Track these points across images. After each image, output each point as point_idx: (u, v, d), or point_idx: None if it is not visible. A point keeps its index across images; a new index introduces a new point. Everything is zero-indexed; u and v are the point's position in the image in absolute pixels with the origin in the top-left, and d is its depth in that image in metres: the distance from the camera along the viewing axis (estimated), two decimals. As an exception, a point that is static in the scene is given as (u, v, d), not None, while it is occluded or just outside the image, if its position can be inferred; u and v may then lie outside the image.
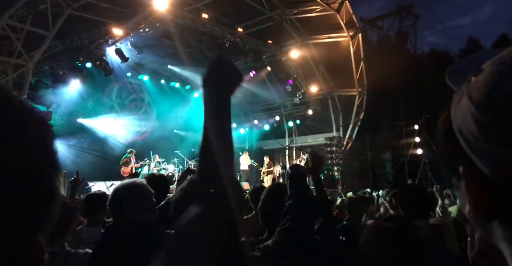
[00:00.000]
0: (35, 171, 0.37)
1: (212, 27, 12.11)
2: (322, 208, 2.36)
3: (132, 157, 11.09)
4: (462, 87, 0.40)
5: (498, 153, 0.35)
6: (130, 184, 1.94)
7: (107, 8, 10.56)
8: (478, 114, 0.36)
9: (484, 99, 0.36)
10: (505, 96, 0.35)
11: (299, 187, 1.87)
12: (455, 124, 0.40)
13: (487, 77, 0.37)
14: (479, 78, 0.38)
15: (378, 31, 14.00)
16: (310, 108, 15.05)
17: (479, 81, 0.38)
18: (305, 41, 13.81)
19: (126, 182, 1.98)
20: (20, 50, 7.66)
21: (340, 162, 14.17)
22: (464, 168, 0.40)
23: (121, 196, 1.86)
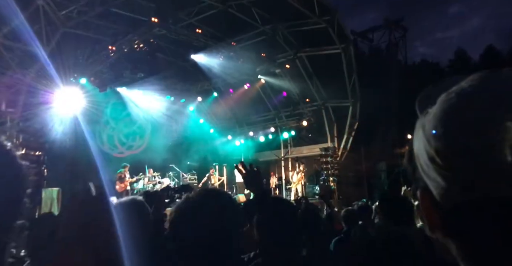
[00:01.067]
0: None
1: (206, 42, 12.28)
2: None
3: (126, 171, 11.03)
4: (421, 118, 0.44)
5: (443, 182, 0.39)
6: (129, 201, 1.93)
7: (101, 25, 10.68)
8: (428, 145, 0.40)
9: (431, 133, 0.40)
10: (448, 134, 0.39)
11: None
12: (414, 150, 0.44)
13: (436, 112, 0.41)
14: (431, 111, 0.42)
15: (369, 43, 14.30)
16: (304, 119, 15.16)
17: (430, 115, 0.42)
18: (298, 54, 14.00)
19: (125, 200, 1.97)
20: (14, 68, 7.69)
21: (336, 172, 14.20)
22: (421, 189, 0.44)
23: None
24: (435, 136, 0.39)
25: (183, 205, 1.16)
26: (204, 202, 1.15)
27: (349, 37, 13.44)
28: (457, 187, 0.38)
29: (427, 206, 0.44)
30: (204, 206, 1.13)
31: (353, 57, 13.46)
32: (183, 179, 13.64)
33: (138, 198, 2.02)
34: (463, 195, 0.38)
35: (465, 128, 0.37)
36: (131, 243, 0.93)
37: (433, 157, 0.40)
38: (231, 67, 14.00)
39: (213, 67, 13.79)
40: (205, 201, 1.16)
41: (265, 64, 14.11)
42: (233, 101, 16.29)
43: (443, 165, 0.39)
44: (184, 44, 12.11)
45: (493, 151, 0.35)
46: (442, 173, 0.39)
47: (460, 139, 0.37)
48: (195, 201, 1.16)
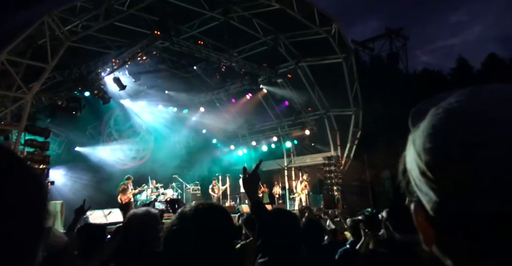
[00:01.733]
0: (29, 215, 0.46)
1: (208, 53, 12.40)
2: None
3: (129, 183, 11.01)
4: (412, 133, 0.44)
5: (435, 196, 0.40)
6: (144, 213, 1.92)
7: (105, 38, 10.84)
8: (418, 159, 0.41)
9: (421, 148, 0.41)
10: (437, 148, 0.39)
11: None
12: (407, 164, 0.45)
13: (425, 127, 0.41)
14: (421, 126, 0.42)
15: (370, 53, 14.37)
16: (307, 128, 15.16)
17: (419, 130, 0.42)
18: (299, 64, 14.10)
19: (141, 211, 1.96)
20: (19, 83, 7.79)
21: (339, 181, 14.12)
22: (414, 204, 0.45)
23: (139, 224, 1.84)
24: (425, 150, 0.40)
25: (177, 222, 1.13)
26: (198, 218, 1.12)
27: (350, 47, 13.54)
28: (449, 201, 0.39)
29: (421, 221, 0.44)
30: (199, 222, 1.11)
31: (355, 66, 13.54)
32: (186, 189, 13.60)
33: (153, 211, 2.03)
34: (455, 209, 0.38)
35: (454, 143, 0.38)
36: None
37: (424, 171, 0.40)
38: (233, 77, 14.11)
39: (215, 78, 13.90)
40: (199, 217, 1.13)
41: (267, 74, 14.20)
42: (236, 111, 16.35)
43: (434, 179, 0.39)
44: (187, 56, 12.24)
45: (482, 164, 0.36)
46: (433, 187, 0.40)
47: (449, 153, 0.38)
48: (189, 217, 1.13)
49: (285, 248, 1.69)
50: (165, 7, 10.26)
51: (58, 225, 8.46)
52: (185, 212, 1.15)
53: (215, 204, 1.29)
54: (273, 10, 11.38)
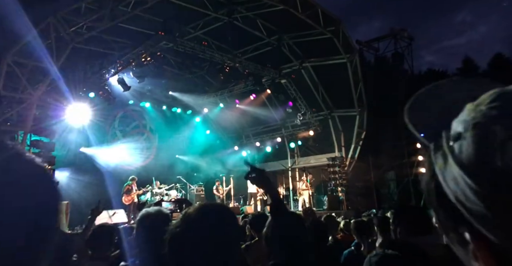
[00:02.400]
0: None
1: (212, 54, 12.42)
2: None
3: (134, 184, 11.04)
4: (440, 148, 0.38)
5: (503, 222, 0.34)
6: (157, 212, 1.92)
7: (109, 39, 10.89)
8: (476, 186, 0.35)
9: (480, 172, 0.34)
10: (498, 170, 0.33)
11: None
12: (449, 191, 0.38)
13: (474, 149, 0.35)
14: (465, 147, 0.36)
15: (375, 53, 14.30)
16: (311, 129, 15.11)
17: (466, 152, 0.36)
18: (303, 64, 14.07)
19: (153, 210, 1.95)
20: (25, 84, 7.84)
21: (344, 182, 14.05)
22: (470, 234, 0.38)
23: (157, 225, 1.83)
24: (485, 174, 0.34)
25: (181, 223, 1.11)
26: (203, 219, 1.11)
27: (355, 47, 13.48)
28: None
29: (481, 252, 0.37)
30: (203, 223, 1.09)
31: (359, 67, 13.47)
32: (190, 190, 13.60)
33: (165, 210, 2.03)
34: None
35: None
36: None
37: (486, 198, 0.34)
38: (237, 78, 14.11)
39: (219, 78, 13.91)
40: (204, 218, 1.11)
41: (271, 75, 14.18)
42: (239, 112, 16.34)
43: (501, 204, 0.33)
44: (191, 57, 12.26)
45: None
46: (500, 214, 0.33)
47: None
48: (193, 218, 1.11)
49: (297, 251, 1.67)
50: (169, 8, 10.29)
51: (63, 225, 8.50)
52: (189, 213, 1.13)
53: (220, 205, 1.27)
54: (277, 11, 11.36)
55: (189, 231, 1.09)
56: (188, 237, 1.08)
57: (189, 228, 1.09)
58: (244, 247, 3.06)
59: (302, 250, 1.69)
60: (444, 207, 0.39)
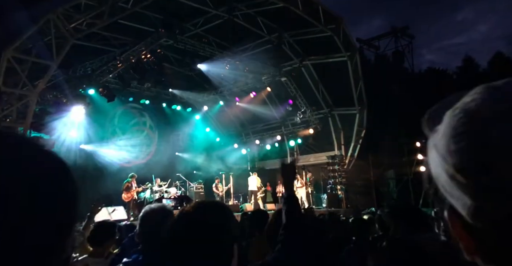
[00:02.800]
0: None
1: (212, 51, 12.39)
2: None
3: (133, 181, 11.04)
4: (431, 138, 0.42)
5: (470, 200, 0.37)
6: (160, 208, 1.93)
7: (109, 36, 10.86)
8: (445, 164, 0.39)
9: (446, 152, 0.39)
10: (463, 150, 0.37)
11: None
12: (432, 172, 0.42)
13: (446, 130, 0.40)
14: (440, 129, 0.41)
15: (375, 51, 14.27)
16: (311, 127, 15.11)
17: (439, 133, 0.40)
18: (303, 62, 14.05)
19: (157, 206, 1.95)
20: (24, 81, 7.82)
21: (343, 181, 14.07)
22: (448, 211, 0.42)
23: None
24: (451, 153, 0.38)
25: (178, 220, 1.12)
26: (199, 216, 1.12)
27: (355, 45, 13.46)
28: (488, 204, 0.36)
29: (458, 229, 0.41)
30: (200, 219, 1.10)
31: (359, 65, 13.46)
32: (189, 188, 13.61)
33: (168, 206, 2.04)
34: (496, 212, 0.35)
35: (481, 144, 0.36)
36: None
37: (453, 175, 0.38)
38: (237, 76, 14.09)
39: (219, 76, 13.89)
40: (200, 215, 1.12)
41: (271, 73, 14.16)
42: (239, 110, 16.33)
43: (465, 182, 0.37)
44: (191, 54, 12.24)
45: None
46: (466, 191, 0.37)
47: (479, 154, 0.36)
48: (189, 215, 1.12)
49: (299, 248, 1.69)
50: (170, 5, 10.26)
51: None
52: (186, 210, 1.14)
53: (216, 202, 1.28)
54: (278, 8, 11.34)
55: (186, 228, 1.09)
56: (185, 233, 1.08)
57: (186, 224, 1.09)
58: (245, 244, 3.06)
59: (304, 247, 1.71)
60: (432, 190, 0.44)
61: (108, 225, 3.06)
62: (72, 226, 0.47)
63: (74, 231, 0.48)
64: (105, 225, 3.08)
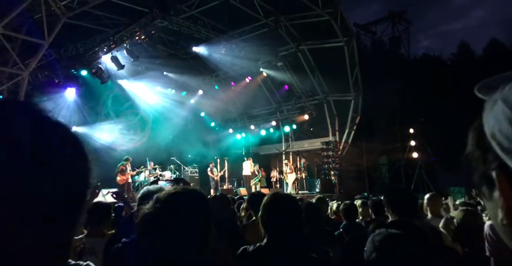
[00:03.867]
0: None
1: (207, 34, 12.18)
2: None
3: (128, 164, 11.01)
4: (494, 95, 0.41)
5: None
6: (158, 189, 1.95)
7: (102, 16, 10.59)
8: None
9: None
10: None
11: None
12: (488, 130, 0.40)
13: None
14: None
15: (372, 36, 14.15)
16: (306, 113, 15.11)
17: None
18: (300, 47, 13.91)
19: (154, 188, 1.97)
20: (15, 59, 7.63)
21: (337, 166, 14.20)
22: (497, 172, 0.40)
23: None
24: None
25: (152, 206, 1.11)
26: (172, 202, 1.12)
27: (352, 30, 13.33)
28: None
29: (506, 188, 0.39)
30: (174, 207, 1.11)
31: (356, 50, 13.38)
32: (184, 172, 13.64)
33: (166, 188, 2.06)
34: None
35: None
36: None
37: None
38: (232, 60, 13.92)
39: (214, 59, 13.72)
40: (173, 201, 1.12)
41: (267, 57, 14.02)
42: (234, 95, 16.23)
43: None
44: (186, 36, 12.02)
45: None
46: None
47: None
48: (162, 201, 1.12)
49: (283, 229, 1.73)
50: (164, -16, 9.98)
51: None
52: (159, 197, 1.14)
53: (192, 189, 1.28)
54: (275, -10, 11.11)
55: (159, 214, 1.09)
56: (157, 219, 1.08)
57: (159, 210, 1.09)
58: (242, 227, 3.09)
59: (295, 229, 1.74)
60: (481, 149, 0.42)
61: (104, 206, 3.09)
62: (85, 195, 0.45)
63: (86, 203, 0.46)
64: (100, 206, 3.10)
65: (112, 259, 1.93)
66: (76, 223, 0.43)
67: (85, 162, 0.45)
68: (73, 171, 0.42)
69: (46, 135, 0.41)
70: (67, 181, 0.41)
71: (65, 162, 0.41)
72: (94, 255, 2.58)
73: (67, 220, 0.41)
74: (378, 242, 1.43)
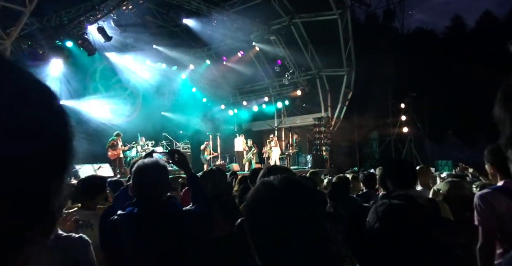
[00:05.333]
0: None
1: (198, 5, 11.73)
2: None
3: (119, 139, 10.89)
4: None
5: None
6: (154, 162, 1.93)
7: (86, -17, 10.04)
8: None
9: None
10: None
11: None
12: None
13: None
14: None
15: (366, 9, 13.83)
16: (298, 88, 15.00)
17: None
18: (293, 20, 13.56)
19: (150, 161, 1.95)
20: (-5, 27, 7.25)
21: (328, 142, 14.32)
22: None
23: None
24: None
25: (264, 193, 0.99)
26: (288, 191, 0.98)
27: (347, 2, 13.00)
28: None
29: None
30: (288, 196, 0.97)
31: (350, 24, 13.11)
32: (176, 147, 13.59)
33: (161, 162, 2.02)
34: None
35: None
36: None
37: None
38: (224, 33, 13.54)
39: (206, 33, 13.32)
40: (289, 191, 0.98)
41: (260, 31, 13.66)
42: (226, 70, 15.93)
43: None
44: (175, 7, 11.55)
45: None
46: None
47: None
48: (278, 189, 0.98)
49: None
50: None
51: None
52: (271, 183, 1.00)
53: (302, 178, 1.19)
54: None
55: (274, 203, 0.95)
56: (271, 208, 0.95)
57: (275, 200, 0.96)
58: (243, 206, 3.09)
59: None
60: (509, 111, 0.39)
61: (98, 180, 3.06)
62: (66, 168, 0.38)
63: (67, 177, 0.40)
64: (96, 179, 3.09)
65: (107, 231, 1.93)
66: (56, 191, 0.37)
67: (64, 126, 0.39)
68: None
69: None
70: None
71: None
72: (90, 228, 2.59)
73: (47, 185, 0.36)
74: (381, 213, 1.44)
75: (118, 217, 1.83)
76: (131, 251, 1.74)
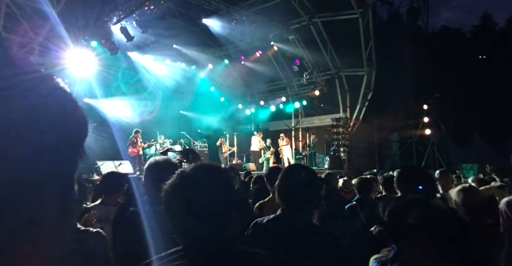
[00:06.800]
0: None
1: (218, 5, 11.81)
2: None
3: (138, 136, 11.12)
4: None
5: None
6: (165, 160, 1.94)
7: (110, -16, 10.30)
8: None
9: None
10: None
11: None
12: None
13: None
14: None
15: (389, 8, 13.49)
16: (317, 88, 14.85)
17: None
18: (313, 20, 13.43)
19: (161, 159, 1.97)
20: (25, 27, 7.54)
21: (347, 143, 14.10)
22: None
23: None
24: None
25: (178, 181, 1.09)
26: (197, 177, 1.09)
27: (368, 1, 12.75)
28: None
29: None
30: (200, 182, 1.08)
31: (371, 23, 12.85)
32: (193, 146, 13.74)
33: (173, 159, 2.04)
34: None
35: None
36: None
37: None
38: (243, 33, 13.57)
39: (224, 32, 13.39)
40: (199, 177, 1.09)
41: (278, 30, 13.61)
42: (244, 69, 15.97)
43: None
44: (195, 7, 11.68)
45: None
46: None
47: None
48: (187, 176, 1.10)
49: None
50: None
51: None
52: (184, 171, 1.13)
53: (216, 166, 1.26)
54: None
55: (182, 188, 1.06)
56: (180, 193, 1.06)
57: (183, 184, 1.07)
58: (258, 205, 3.08)
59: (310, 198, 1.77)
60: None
61: (117, 176, 3.12)
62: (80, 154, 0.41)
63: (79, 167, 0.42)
64: (116, 175, 3.14)
65: (120, 226, 1.96)
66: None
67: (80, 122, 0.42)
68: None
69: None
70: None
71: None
72: (109, 223, 2.64)
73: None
74: (399, 206, 1.47)
75: (129, 213, 1.86)
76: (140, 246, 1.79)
